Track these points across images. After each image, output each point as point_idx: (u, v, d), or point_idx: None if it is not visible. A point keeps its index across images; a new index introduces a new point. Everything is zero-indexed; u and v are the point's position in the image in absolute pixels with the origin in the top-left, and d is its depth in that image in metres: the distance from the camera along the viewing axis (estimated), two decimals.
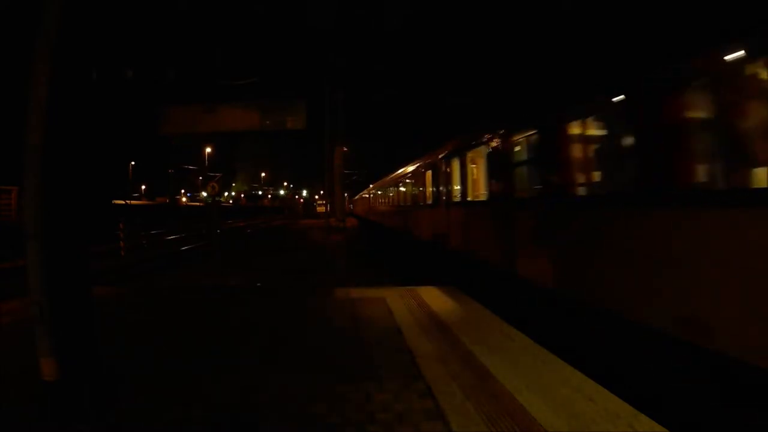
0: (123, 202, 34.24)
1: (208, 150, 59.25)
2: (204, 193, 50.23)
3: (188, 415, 2.66)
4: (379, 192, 24.40)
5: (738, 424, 2.60)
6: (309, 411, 2.68)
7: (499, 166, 6.29)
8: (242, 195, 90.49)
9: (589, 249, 4.04)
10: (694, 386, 2.89)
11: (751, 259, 2.47)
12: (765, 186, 2.56)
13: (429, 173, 10.40)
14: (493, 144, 6.42)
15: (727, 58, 2.70)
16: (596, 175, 4.32)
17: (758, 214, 2.45)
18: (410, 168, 13.74)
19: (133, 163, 59.10)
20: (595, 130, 4.34)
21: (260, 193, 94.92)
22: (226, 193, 77.68)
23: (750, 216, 2.51)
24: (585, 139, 4.38)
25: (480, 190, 7.50)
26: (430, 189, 10.42)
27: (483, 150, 6.97)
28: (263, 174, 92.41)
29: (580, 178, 4.43)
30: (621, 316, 3.54)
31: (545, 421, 2.48)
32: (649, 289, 3.25)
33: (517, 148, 5.78)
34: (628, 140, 3.67)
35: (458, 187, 8.26)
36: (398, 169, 17.26)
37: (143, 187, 72.93)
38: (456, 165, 8.33)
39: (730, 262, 2.61)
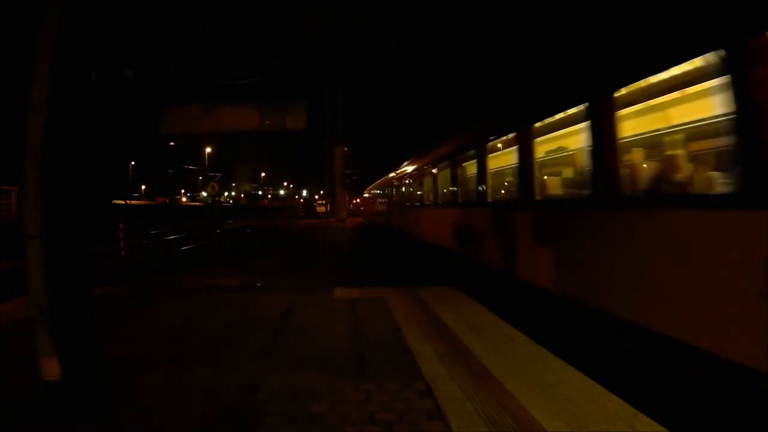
0: (123, 202, 34.30)
1: (208, 150, 59.28)
2: (204, 193, 50.26)
3: (188, 414, 2.66)
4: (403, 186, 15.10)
5: (738, 424, 2.60)
6: (309, 411, 2.68)
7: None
8: (242, 195, 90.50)
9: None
10: (694, 386, 2.89)
11: None
12: None
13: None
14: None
15: None
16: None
17: None
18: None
19: (133, 163, 59.21)
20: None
21: (260, 193, 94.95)
22: (226, 193, 77.70)
23: None
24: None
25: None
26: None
27: None
28: (263, 174, 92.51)
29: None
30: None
31: (545, 420, 2.49)
32: None
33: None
34: None
35: None
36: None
37: (143, 187, 73.03)
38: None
39: None
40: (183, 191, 75.88)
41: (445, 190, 9.70)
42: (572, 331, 4.26)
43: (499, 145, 6.57)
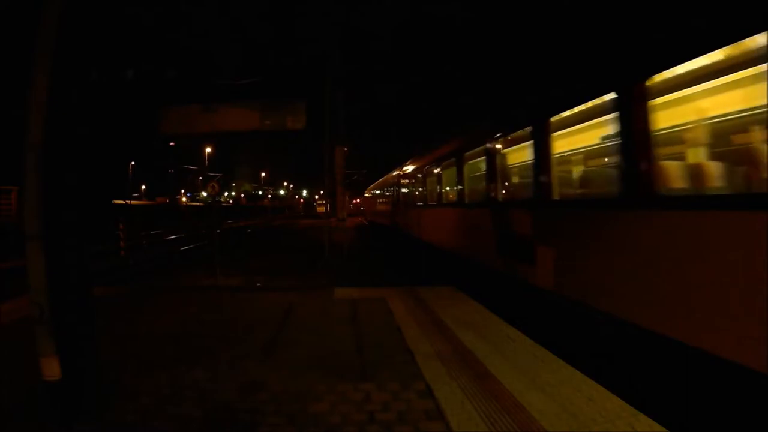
0: (123, 202, 34.25)
1: (208, 150, 59.26)
2: (204, 193, 50.32)
3: (188, 414, 2.66)
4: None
5: (738, 424, 2.60)
6: (309, 411, 2.68)
7: None
8: (242, 195, 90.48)
9: None
10: (694, 386, 2.89)
11: None
12: None
13: None
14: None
15: None
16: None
17: None
18: None
19: (133, 163, 59.23)
20: None
21: (260, 193, 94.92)
22: (226, 193, 77.75)
23: None
24: None
25: None
26: None
27: None
28: (263, 174, 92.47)
29: None
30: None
31: (545, 420, 2.49)
32: None
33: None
34: None
35: None
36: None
37: (143, 187, 73.03)
38: None
39: None
40: (183, 191, 75.89)
41: (480, 187, 7.04)
42: (572, 331, 4.26)
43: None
